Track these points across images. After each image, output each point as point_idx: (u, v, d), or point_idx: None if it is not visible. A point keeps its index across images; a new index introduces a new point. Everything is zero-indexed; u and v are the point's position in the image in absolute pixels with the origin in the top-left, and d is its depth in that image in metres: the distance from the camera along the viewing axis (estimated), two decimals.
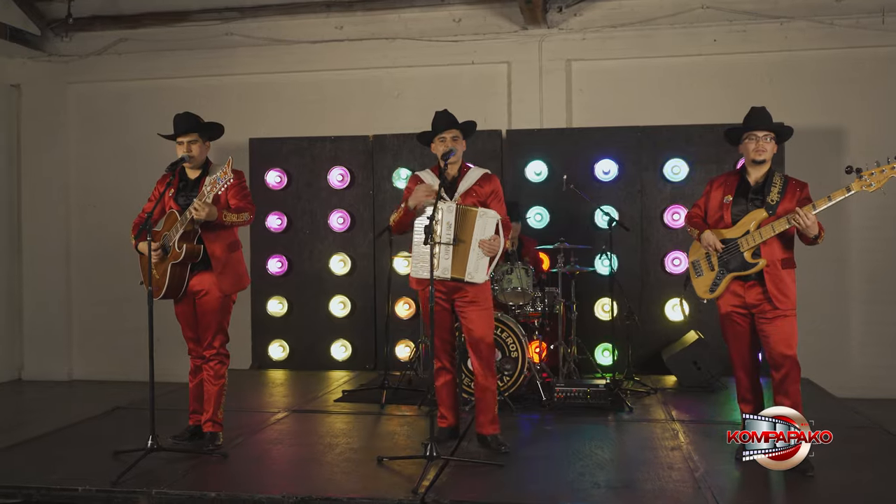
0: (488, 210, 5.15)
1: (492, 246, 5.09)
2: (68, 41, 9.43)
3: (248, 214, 5.44)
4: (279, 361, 8.68)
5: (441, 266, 5.12)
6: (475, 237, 5.09)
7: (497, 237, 5.10)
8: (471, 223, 5.11)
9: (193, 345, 5.60)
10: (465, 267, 5.11)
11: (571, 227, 8.05)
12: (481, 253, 5.10)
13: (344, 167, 8.62)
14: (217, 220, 5.23)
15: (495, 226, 5.11)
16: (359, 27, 9.00)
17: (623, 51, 8.62)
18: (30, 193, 9.55)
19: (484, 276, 5.14)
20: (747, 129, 5.04)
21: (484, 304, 5.32)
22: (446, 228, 5.12)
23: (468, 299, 5.28)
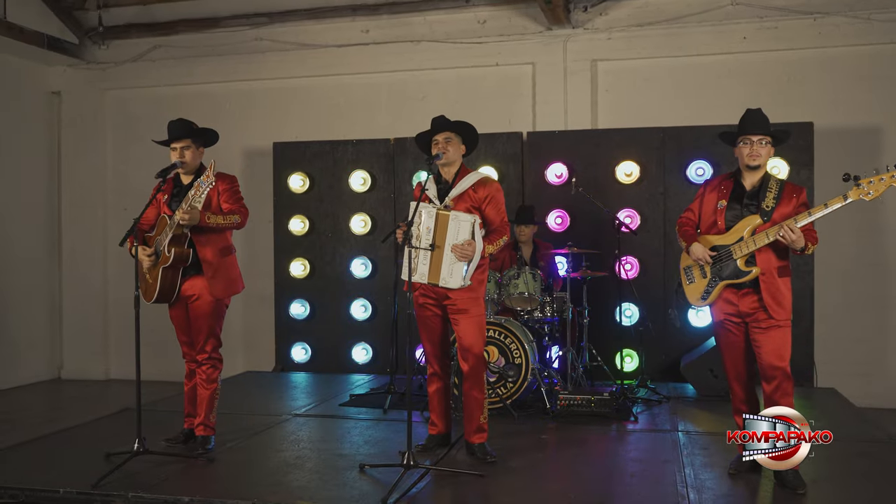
0: (461, 213, 4.99)
1: (464, 251, 4.93)
2: (105, 49, 9.60)
3: (238, 218, 5.42)
4: (302, 364, 8.67)
5: (419, 270, 5.03)
6: (448, 241, 4.96)
7: (472, 242, 4.95)
8: (444, 227, 4.98)
9: (187, 349, 5.61)
10: (440, 272, 4.98)
11: (593, 231, 7.84)
12: (455, 257, 4.96)
13: (365, 170, 8.56)
14: (200, 223, 5.20)
15: (469, 229, 4.95)
16: (384, 30, 8.94)
17: (649, 50, 8.35)
18: (69, 197, 9.76)
19: (459, 282, 4.99)
20: (742, 133, 4.79)
21: (474, 312, 5.17)
22: (426, 233, 5.01)
23: (457, 307, 5.15)
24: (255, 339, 9.12)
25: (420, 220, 5.02)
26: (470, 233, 4.94)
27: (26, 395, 8.86)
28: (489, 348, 6.29)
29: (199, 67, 9.36)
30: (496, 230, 5.19)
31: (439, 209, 5.05)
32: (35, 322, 9.53)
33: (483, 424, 5.20)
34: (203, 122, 8.39)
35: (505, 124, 8.55)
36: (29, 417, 7.64)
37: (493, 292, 6.61)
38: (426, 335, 5.33)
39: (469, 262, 4.97)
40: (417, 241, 5.00)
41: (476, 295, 5.19)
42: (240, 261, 9.23)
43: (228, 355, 9.23)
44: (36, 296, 9.55)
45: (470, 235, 4.94)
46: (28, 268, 9.40)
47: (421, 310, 5.27)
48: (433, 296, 5.19)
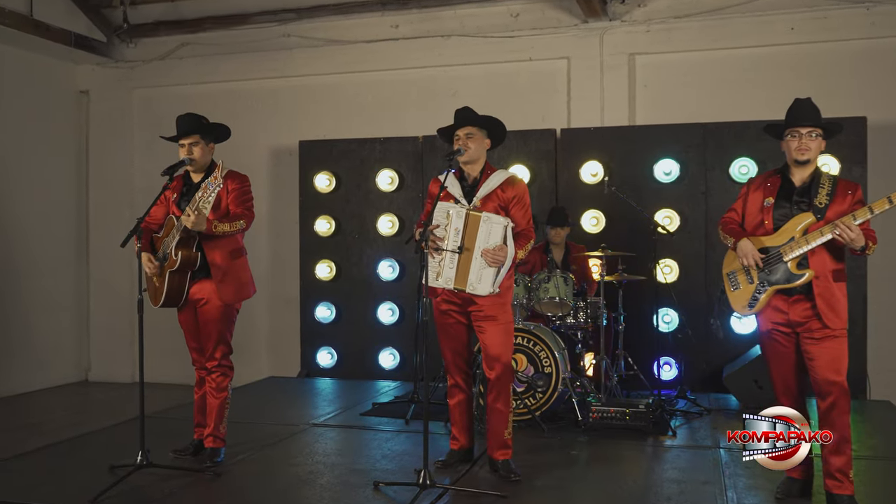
0: (493, 215, 4.58)
1: (496, 256, 4.52)
2: (133, 47, 9.35)
3: (244, 222, 5.05)
4: (327, 369, 8.30)
5: (444, 275, 4.61)
6: (478, 245, 4.55)
7: (503, 246, 4.53)
8: (475, 230, 4.56)
9: (197, 355, 5.26)
10: (468, 277, 4.56)
11: (630, 232, 7.36)
12: (485, 262, 4.54)
13: (393, 170, 8.17)
14: (206, 230, 4.84)
15: (502, 233, 4.53)
16: (414, 25, 8.54)
17: (690, 43, 7.83)
18: (97, 197, 9.51)
19: (488, 288, 4.57)
20: (790, 125, 4.30)
21: (502, 319, 4.75)
22: (454, 235, 4.61)
23: (483, 314, 4.73)
24: (280, 343, 8.78)
25: (448, 220, 4.61)
26: (502, 237, 4.53)
27: (52, 398, 8.61)
28: (517, 356, 5.85)
29: (227, 65, 9.04)
30: (523, 233, 4.76)
31: (470, 210, 4.63)
32: (63, 324, 9.29)
33: (508, 440, 4.77)
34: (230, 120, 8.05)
35: (538, 121, 8.10)
36: (49, 422, 7.35)
37: (522, 297, 6.17)
38: (447, 344, 4.91)
39: (500, 268, 4.55)
40: (444, 242, 4.59)
41: (504, 300, 4.76)
42: (265, 262, 9.14)
43: (253, 359, 9.07)
44: (64, 297, 9.31)
45: (502, 239, 4.53)
46: (56, 269, 9.16)
47: (443, 317, 4.86)
48: (457, 301, 4.78)
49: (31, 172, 8.85)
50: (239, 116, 8.89)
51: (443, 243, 4.61)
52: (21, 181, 8.71)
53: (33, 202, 8.87)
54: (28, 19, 8.34)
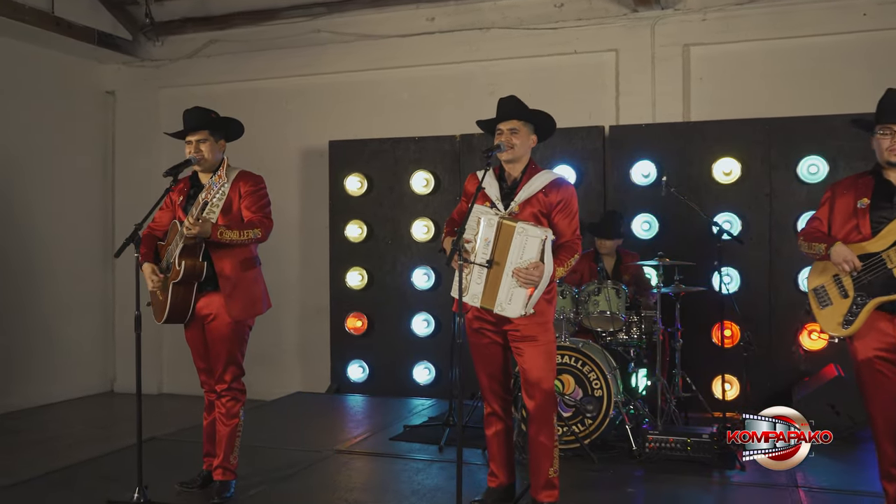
0: (529, 226, 3.85)
1: (529, 276, 3.81)
2: (160, 45, 8.80)
3: (259, 232, 4.38)
4: (358, 384, 7.63)
5: (471, 291, 3.90)
6: (510, 260, 3.83)
7: (539, 264, 3.80)
8: (507, 242, 3.84)
9: (205, 377, 4.63)
10: (497, 295, 3.85)
11: (685, 238, 6.62)
12: (516, 282, 3.82)
13: (428, 171, 7.49)
14: (211, 238, 4.21)
15: (538, 248, 3.81)
16: (450, 18, 7.86)
17: (751, 32, 7.03)
18: (123, 200, 8.97)
19: (519, 310, 3.85)
20: (881, 121, 3.55)
21: (542, 339, 4.04)
22: (483, 246, 3.90)
23: (521, 334, 4.03)
24: (310, 355, 8.14)
25: (478, 228, 3.91)
26: (538, 252, 3.80)
27: (74, 411, 8.08)
28: (564, 377, 5.13)
29: (255, 62, 8.45)
30: (566, 246, 4.05)
31: (503, 217, 3.92)
32: (88, 333, 8.77)
33: (553, 479, 4.05)
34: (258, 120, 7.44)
35: (584, 118, 7.35)
36: (66, 437, 6.81)
37: (569, 310, 5.45)
38: (482, 367, 4.21)
39: (534, 289, 3.84)
40: (472, 253, 3.88)
41: (544, 318, 4.05)
42: (295, 269, 8.47)
43: (282, 371, 8.39)
44: (88, 304, 8.78)
45: (537, 256, 3.80)
46: (80, 274, 8.64)
47: (476, 336, 4.16)
48: (491, 319, 4.07)
49: (55, 175, 8.36)
50: (267, 116, 8.34)
51: (471, 255, 3.91)
52: (45, 184, 8.21)
53: (57, 205, 8.37)
54: (49, 16, 7.83)
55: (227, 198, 4.38)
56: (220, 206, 4.35)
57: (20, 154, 7.96)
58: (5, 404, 7.73)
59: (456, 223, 4.31)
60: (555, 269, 3.92)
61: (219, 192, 4.12)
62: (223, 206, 4.36)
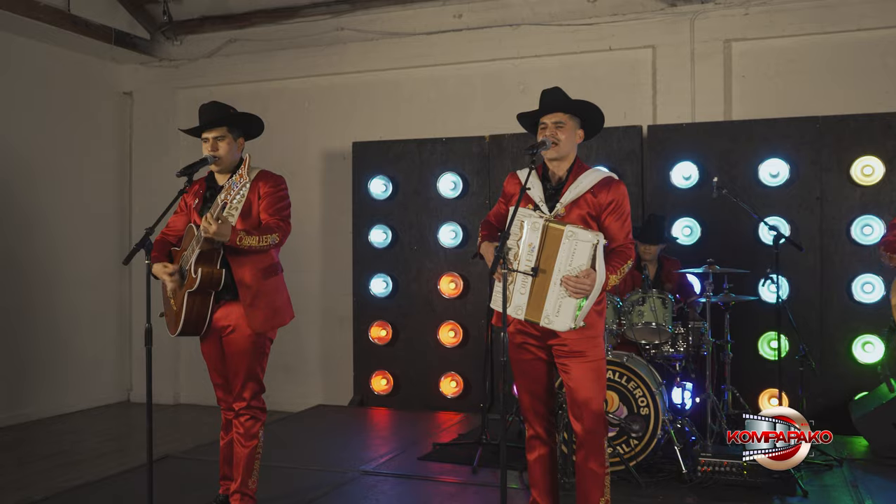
0: (579, 229, 3.43)
1: (579, 285, 3.39)
2: (178, 45, 8.45)
3: (277, 237, 4.00)
4: (383, 396, 7.22)
5: (514, 302, 3.48)
6: (558, 268, 3.41)
7: (591, 271, 3.39)
8: (554, 247, 3.43)
9: (223, 393, 4.23)
10: (543, 307, 3.43)
11: (730, 244, 6.19)
12: (565, 292, 3.40)
13: (456, 173, 7.09)
14: (230, 243, 3.82)
15: (589, 253, 3.39)
16: (479, 14, 7.46)
17: (798, 26, 6.59)
18: (140, 204, 8.62)
19: (568, 323, 3.43)
20: None
21: (591, 355, 3.61)
22: (527, 252, 3.48)
23: (568, 349, 3.60)
24: (332, 366, 7.74)
25: (521, 232, 3.50)
26: (589, 258, 3.38)
27: (88, 422, 7.72)
28: (608, 394, 4.70)
29: (276, 62, 8.08)
30: (618, 251, 3.62)
31: (549, 220, 3.51)
32: (104, 341, 8.40)
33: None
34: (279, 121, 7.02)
35: (620, 118, 6.92)
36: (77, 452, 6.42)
37: (612, 321, 5.02)
38: (524, 384, 3.79)
39: (584, 298, 3.42)
40: (516, 261, 3.47)
41: (594, 332, 3.63)
42: (317, 275, 8.02)
43: (303, 382, 7.94)
44: (105, 312, 8.42)
45: (588, 262, 3.38)
46: (97, 281, 8.28)
47: (518, 351, 3.74)
48: (535, 333, 3.66)
49: (70, 179, 8.01)
50: (288, 116, 7.98)
51: (514, 262, 3.50)
52: (60, 188, 7.88)
53: (72, 210, 8.02)
54: (65, 15, 7.50)
55: (247, 200, 4.00)
56: (239, 208, 3.97)
57: (34, 157, 7.63)
58: (19, 415, 7.39)
59: (492, 227, 3.92)
60: (607, 277, 3.50)
61: (239, 194, 3.74)
62: (242, 208, 3.98)
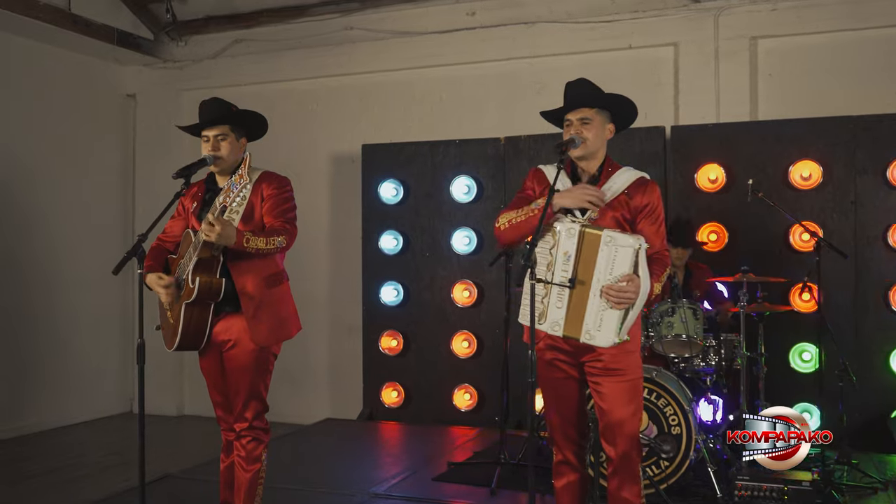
0: (618, 234, 3.09)
1: (622, 294, 3.04)
2: (183, 45, 8.14)
3: (284, 240, 3.65)
4: (393, 409, 6.87)
5: (550, 317, 3.13)
6: (597, 277, 3.06)
7: (634, 278, 3.04)
8: (592, 254, 3.07)
9: (223, 412, 3.89)
10: (583, 321, 3.08)
11: (758, 250, 5.83)
12: (607, 302, 3.05)
13: (470, 176, 6.75)
14: (236, 245, 3.48)
15: (631, 260, 3.04)
16: (493, 12, 7.12)
17: (828, 22, 6.23)
18: (143, 210, 8.29)
19: (611, 338, 3.08)
20: None
21: (628, 373, 3.26)
22: (563, 261, 3.12)
23: (602, 366, 3.25)
24: (340, 377, 7.39)
25: (555, 239, 3.15)
26: (631, 265, 3.03)
27: (89, 434, 7.40)
28: None
29: (283, 62, 7.76)
30: (656, 258, 3.28)
31: (585, 226, 3.15)
32: (106, 350, 8.08)
33: None
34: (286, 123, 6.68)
35: (641, 118, 6.47)
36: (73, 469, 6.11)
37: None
38: (553, 405, 3.44)
39: (629, 309, 3.07)
40: (550, 271, 3.12)
41: (630, 348, 3.28)
42: (325, 283, 7.58)
43: (310, 394, 7.50)
44: (107, 320, 8.10)
45: (631, 268, 3.03)
46: (99, 288, 7.91)
47: (548, 369, 3.38)
48: (566, 349, 3.31)
49: (71, 183, 7.70)
50: (295, 118, 7.65)
51: (547, 273, 3.15)
52: (61, 192, 7.57)
53: (74, 214, 7.71)
54: (65, 14, 7.19)
55: (249, 203, 3.67)
56: (240, 211, 3.63)
57: (34, 160, 7.31)
58: (19, 427, 7.08)
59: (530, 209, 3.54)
60: (651, 286, 3.15)
61: (239, 195, 3.40)
62: (244, 212, 3.65)
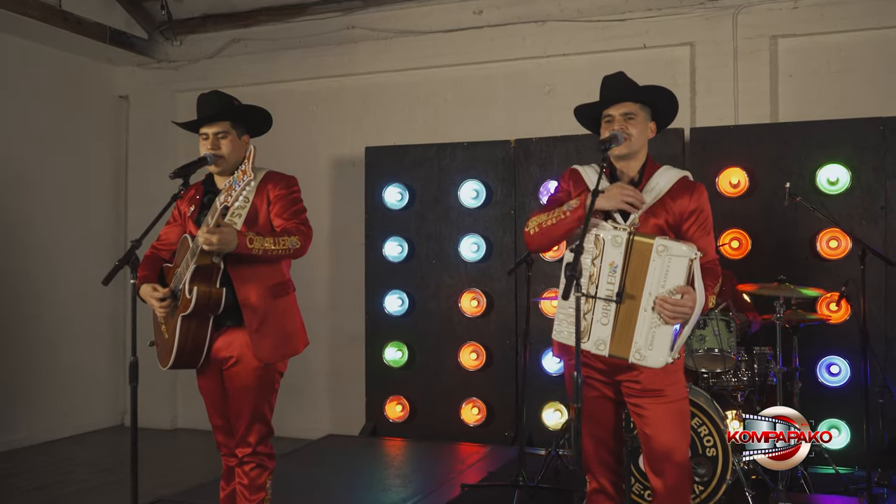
0: (671, 242, 2.74)
1: (677, 308, 2.70)
2: (178, 45, 7.76)
3: (298, 241, 3.27)
4: (398, 423, 6.49)
5: (594, 335, 2.77)
6: (648, 290, 2.71)
7: (689, 290, 2.69)
8: (642, 265, 2.72)
9: (223, 437, 3.51)
10: (632, 340, 2.72)
11: (783, 258, 5.48)
12: (658, 318, 2.69)
13: (479, 180, 6.39)
14: (238, 249, 3.11)
15: (686, 271, 2.69)
16: (501, 10, 6.78)
17: (852, 20, 5.90)
18: (136, 215, 7.89)
19: (664, 357, 2.73)
20: None
21: (672, 394, 2.92)
22: (608, 273, 2.77)
23: (641, 387, 2.90)
24: (342, 389, 7.00)
25: (598, 249, 2.79)
26: (685, 277, 2.68)
27: (79, 448, 7.01)
28: None
29: (282, 63, 7.39)
30: (707, 269, 2.94)
31: (633, 233, 2.80)
32: (97, 361, 7.68)
33: None
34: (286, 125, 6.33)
35: None
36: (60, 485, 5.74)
37: None
38: (587, 428, 3.08)
39: (683, 324, 2.71)
40: (592, 284, 2.76)
41: (675, 365, 2.92)
42: (325, 291, 7.05)
43: (309, 407, 6.94)
44: (98, 329, 7.72)
45: (686, 280, 2.68)
46: (90, 297, 7.52)
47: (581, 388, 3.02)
48: (600, 366, 2.95)
49: (61, 187, 7.32)
50: (295, 120, 7.28)
51: (590, 286, 2.79)
52: (50, 197, 7.19)
53: (64, 220, 7.34)
54: (56, 11, 6.81)
55: (252, 206, 3.30)
56: (243, 214, 3.26)
57: (23, 163, 6.94)
58: (7, 441, 6.72)
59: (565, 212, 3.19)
60: (706, 298, 2.81)
61: (242, 194, 3.02)
62: (247, 215, 3.27)
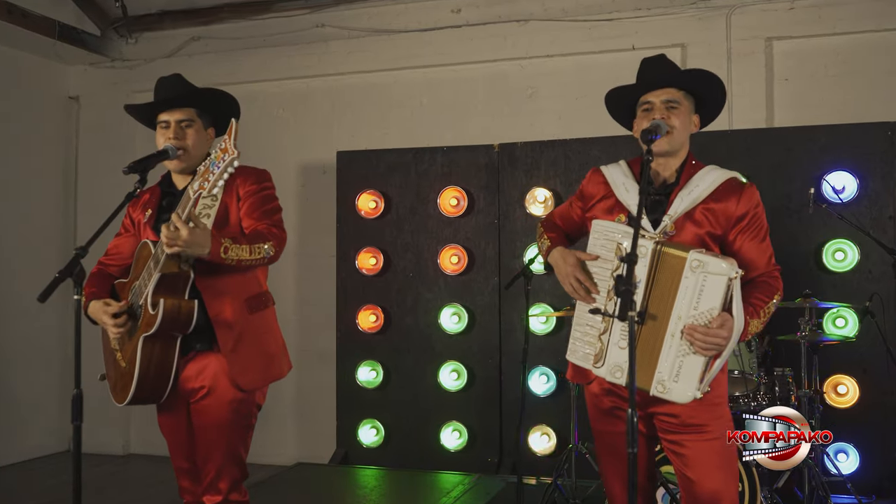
0: (708, 257, 2.25)
1: (710, 338, 2.21)
2: (133, 43, 7.15)
3: (271, 247, 2.69)
4: (372, 449, 5.91)
5: (610, 359, 2.29)
6: (677, 312, 2.21)
7: (727, 318, 2.21)
8: (672, 282, 2.23)
9: (189, 483, 2.90)
10: (654, 368, 2.23)
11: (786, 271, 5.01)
12: (688, 346, 2.20)
13: (460, 188, 5.88)
14: (211, 256, 2.53)
15: (723, 293, 2.21)
16: (481, 9, 6.33)
17: (851, 22, 5.56)
18: (86, 224, 7.23)
19: (691, 392, 2.27)
20: None
21: (714, 429, 2.43)
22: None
23: (679, 421, 2.40)
24: (311, 412, 6.42)
25: (618, 259, 2.29)
26: (722, 299, 2.20)
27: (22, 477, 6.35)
28: None
29: (246, 63, 6.83)
30: (759, 283, 2.48)
31: (662, 244, 2.30)
32: (43, 382, 7.01)
33: None
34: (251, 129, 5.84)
35: None
36: None
37: None
38: (614, 467, 2.57)
39: (716, 357, 2.22)
40: (609, 301, 2.27)
41: (717, 396, 2.44)
42: (291, 306, 6.46)
43: (276, 431, 6.31)
44: (45, 348, 7.03)
45: (721, 305, 2.20)
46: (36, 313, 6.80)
47: (605, 420, 2.54)
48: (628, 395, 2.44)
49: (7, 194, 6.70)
50: (261, 125, 6.72)
51: (606, 303, 2.29)
52: None
53: (10, 230, 6.73)
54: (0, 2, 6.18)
55: (222, 204, 2.73)
56: (212, 215, 2.68)
57: None
58: None
59: (560, 230, 2.74)
60: (747, 323, 2.31)
61: (222, 178, 2.40)
62: (216, 216, 2.70)
